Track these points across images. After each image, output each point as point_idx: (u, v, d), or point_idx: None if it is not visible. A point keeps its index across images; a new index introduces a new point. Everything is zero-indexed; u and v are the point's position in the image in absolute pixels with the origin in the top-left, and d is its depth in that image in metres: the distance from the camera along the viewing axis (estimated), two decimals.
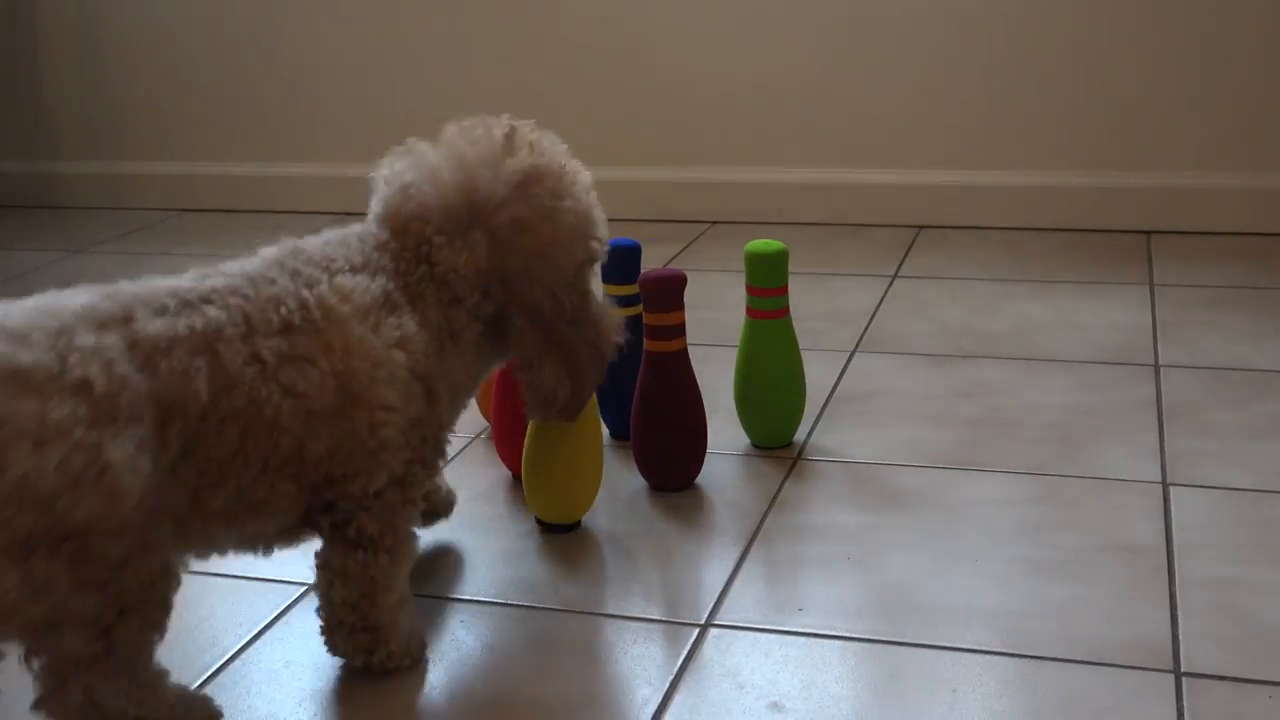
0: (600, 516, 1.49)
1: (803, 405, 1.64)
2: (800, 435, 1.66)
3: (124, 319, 1.03)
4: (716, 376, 1.86)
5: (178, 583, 1.06)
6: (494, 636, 1.26)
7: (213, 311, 1.06)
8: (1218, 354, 1.87)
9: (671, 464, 1.53)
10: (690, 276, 2.36)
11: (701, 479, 1.56)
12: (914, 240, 2.54)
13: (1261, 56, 2.39)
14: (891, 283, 2.28)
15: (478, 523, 1.49)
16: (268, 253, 1.15)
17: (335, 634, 1.20)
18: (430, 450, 1.20)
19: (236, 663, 1.24)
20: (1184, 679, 1.14)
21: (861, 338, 2.01)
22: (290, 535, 1.18)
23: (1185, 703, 1.11)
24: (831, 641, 1.22)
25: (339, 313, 1.11)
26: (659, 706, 1.14)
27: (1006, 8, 2.49)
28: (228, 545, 1.15)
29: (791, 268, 2.38)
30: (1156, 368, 1.83)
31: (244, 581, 1.39)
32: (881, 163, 2.65)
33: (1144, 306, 2.09)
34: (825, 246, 2.53)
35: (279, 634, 1.28)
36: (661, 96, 2.72)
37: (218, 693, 1.19)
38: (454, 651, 1.24)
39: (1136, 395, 1.74)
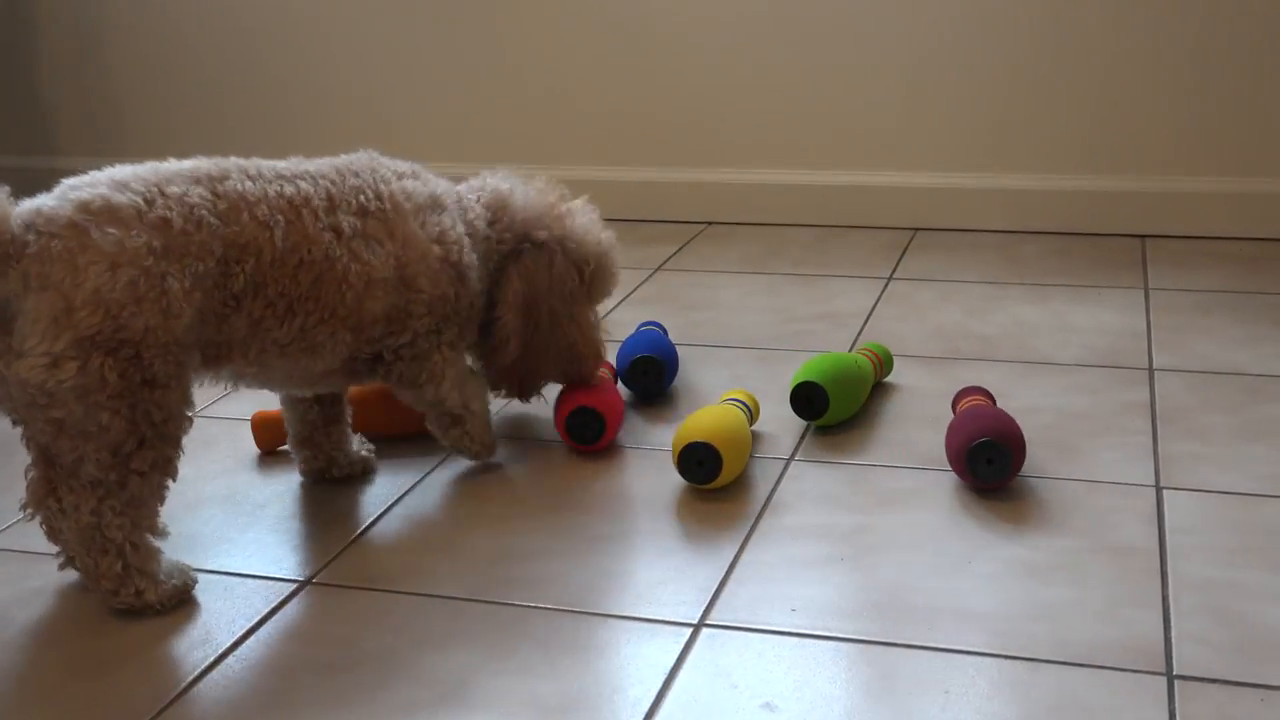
0: (594, 516, 1.49)
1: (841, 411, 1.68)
2: (793, 436, 1.67)
3: (219, 178, 1.33)
4: (713, 375, 1.86)
5: (189, 423, 1.31)
6: (487, 635, 1.26)
7: (304, 185, 1.38)
8: (1211, 358, 1.87)
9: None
10: (686, 277, 2.37)
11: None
12: (909, 243, 2.54)
13: (1256, 62, 2.40)
14: (887, 285, 2.28)
15: (470, 521, 1.49)
16: (351, 155, 1.48)
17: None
18: (459, 315, 1.51)
19: (229, 659, 1.24)
20: (1176, 681, 1.14)
21: (856, 339, 2.01)
22: (327, 379, 1.48)
23: (1177, 705, 1.11)
24: (824, 642, 1.22)
25: (402, 209, 1.44)
26: (651, 706, 1.14)
27: (1002, 12, 2.49)
28: (276, 377, 1.44)
29: (787, 269, 2.40)
30: (1150, 371, 1.84)
31: (236, 578, 1.39)
32: (877, 165, 2.65)
33: (1138, 310, 2.09)
34: (821, 248, 2.54)
35: (271, 631, 1.28)
36: (659, 98, 2.72)
37: (210, 689, 1.19)
38: (447, 650, 1.24)
39: (1130, 398, 1.74)
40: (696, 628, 1.25)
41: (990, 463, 1.47)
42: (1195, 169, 2.48)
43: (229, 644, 1.26)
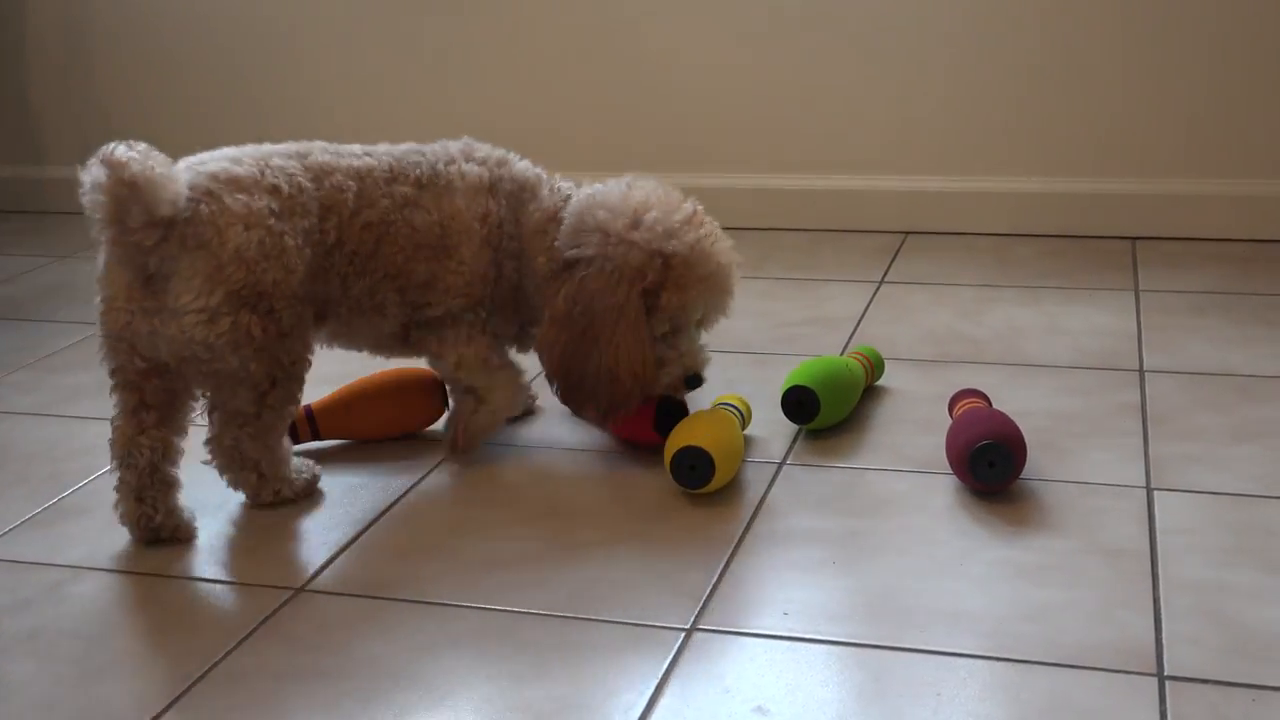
0: (586, 521, 1.49)
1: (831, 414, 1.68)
2: (785, 440, 1.67)
3: (305, 154, 1.53)
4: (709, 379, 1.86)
5: (308, 364, 1.52)
6: (479, 641, 1.26)
7: (370, 160, 1.57)
8: (1202, 359, 1.87)
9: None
10: None
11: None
12: (901, 246, 2.54)
13: (1246, 64, 2.40)
14: (878, 288, 2.29)
15: (461, 527, 1.49)
16: (450, 141, 1.64)
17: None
18: (487, 305, 1.62)
19: (222, 667, 1.24)
20: (1167, 682, 1.14)
21: (848, 343, 2.01)
22: (394, 344, 1.64)
23: (1168, 706, 1.11)
24: (816, 645, 1.22)
25: (454, 186, 1.58)
26: (644, 710, 1.14)
27: (993, 15, 2.50)
28: (360, 338, 1.63)
29: (780, 273, 2.40)
30: (1141, 372, 1.84)
31: (229, 586, 1.39)
32: (869, 169, 2.65)
33: (1129, 312, 2.10)
34: (812, 252, 2.54)
35: (263, 639, 1.28)
36: (650, 103, 2.73)
37: (203, 698, 1.19)
38: (439, 656, 1.24)
39: (1121, 400, 1.75)
40: (689, 632, 1.25)
41: (992, 465, 1.47)
42: (1186, 171, 2.48)
43: (222, 652, 1.26)
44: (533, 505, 1.54)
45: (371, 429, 1.72)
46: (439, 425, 1.74)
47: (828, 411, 1.66)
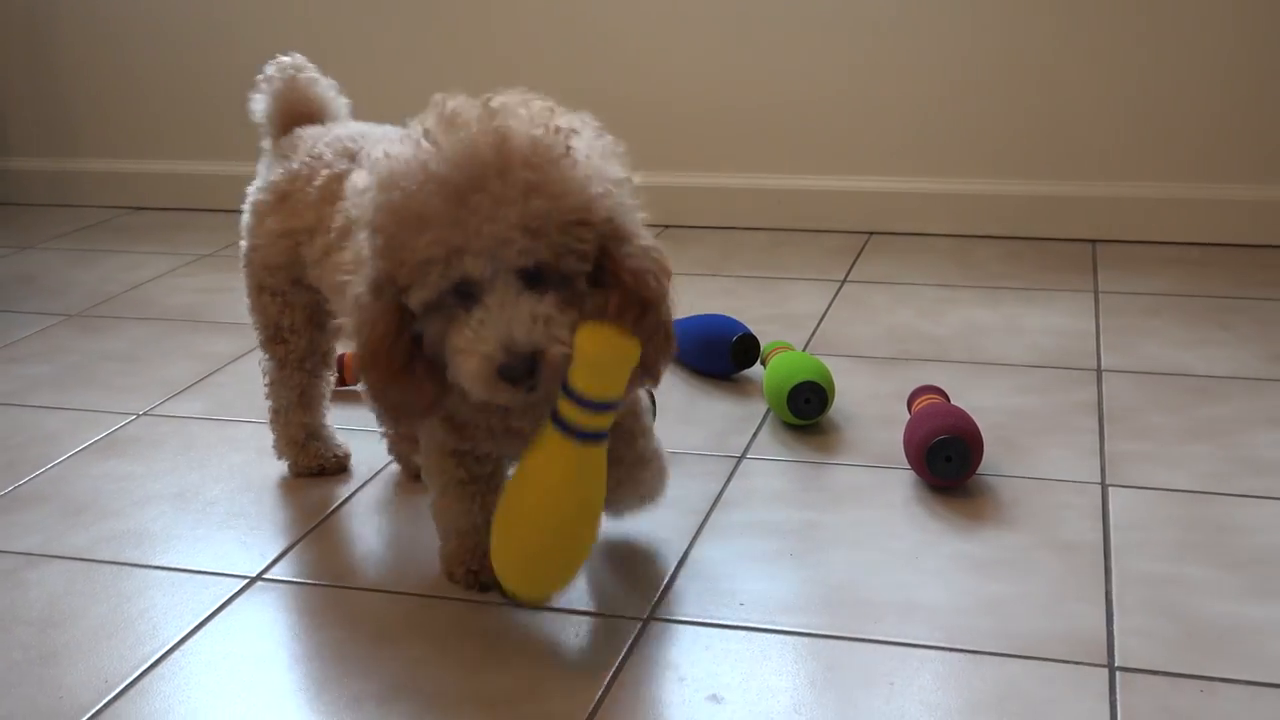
0: None
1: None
2: (745, 435, 1.67)
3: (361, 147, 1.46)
4: (666, 378, 1.86)
5: (307, 339, 1.54)
6: (435, 630, 1.26)
7: None
8: (1158, 359, 1.89)
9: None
10: None
11: None
12: (864, 246, 2.56)
13: (1206, 70, 2.43)
14: (841, 287, 2.30)
15: (418, 517, 1.49)
16: None
17: None
18: None
19: (176, 654, 1.23)
20: (1117, 673, 1.16)
21: (810, 340, 2.02)
22: None
23: (1118, 696, 1.12)
24: (772, 635, 1.23)
25: None
26: (599, 699, 1.14)
27: (955, 18, 2.51)
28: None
29: (743, 272, 2.41)
30: (1098, 372, 1.86)
31: (185, 574, 1.38)
32: (832, 170, 2.67)
33: (1088, 312, 2.11)
34: (776, 251, 2.55)
35: (219, 627, 1.28)
36: (614, 103, 2.73)
37: (157, 684, 1.19)
38: (395, 644, 1.24)
39: (1078, 398, 1.76)
40: (645, 621, 1.26)
41: (949, 460, 1.48)
42: (1146, 175, 2.51)
43: (176, 639, 1.26)
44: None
45: None
46: None
47: (829, 405, 1.68)
